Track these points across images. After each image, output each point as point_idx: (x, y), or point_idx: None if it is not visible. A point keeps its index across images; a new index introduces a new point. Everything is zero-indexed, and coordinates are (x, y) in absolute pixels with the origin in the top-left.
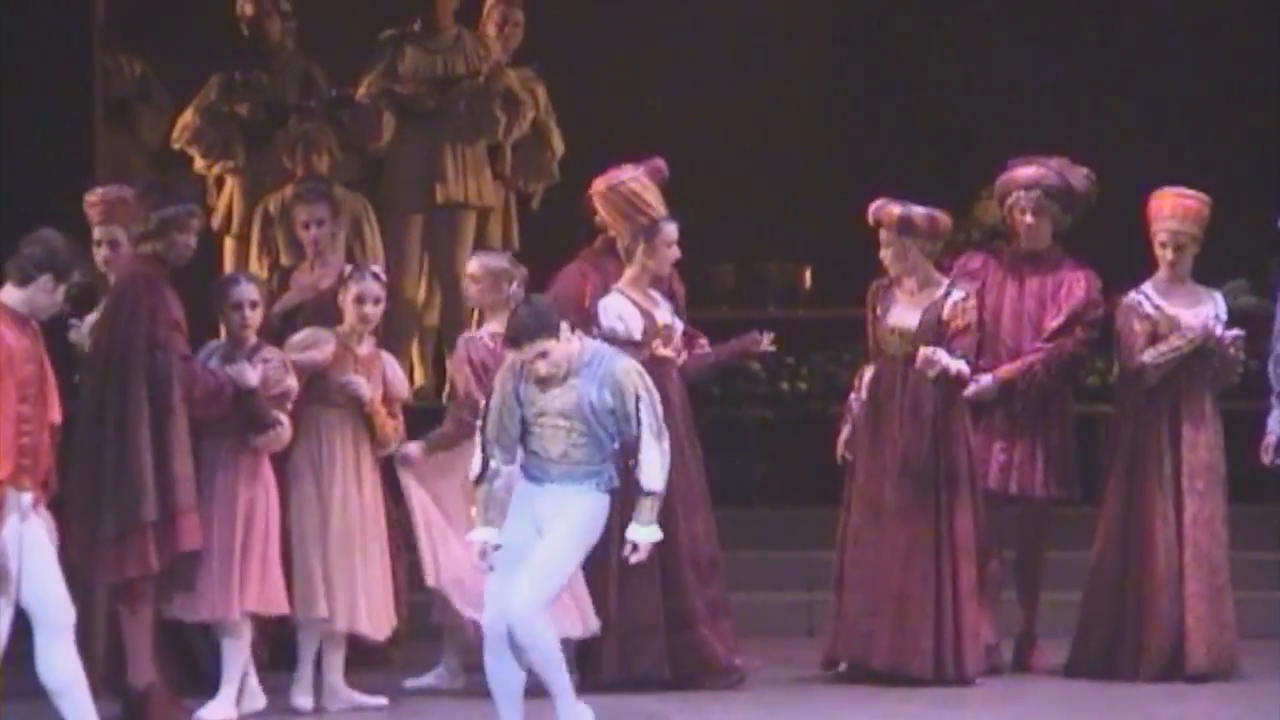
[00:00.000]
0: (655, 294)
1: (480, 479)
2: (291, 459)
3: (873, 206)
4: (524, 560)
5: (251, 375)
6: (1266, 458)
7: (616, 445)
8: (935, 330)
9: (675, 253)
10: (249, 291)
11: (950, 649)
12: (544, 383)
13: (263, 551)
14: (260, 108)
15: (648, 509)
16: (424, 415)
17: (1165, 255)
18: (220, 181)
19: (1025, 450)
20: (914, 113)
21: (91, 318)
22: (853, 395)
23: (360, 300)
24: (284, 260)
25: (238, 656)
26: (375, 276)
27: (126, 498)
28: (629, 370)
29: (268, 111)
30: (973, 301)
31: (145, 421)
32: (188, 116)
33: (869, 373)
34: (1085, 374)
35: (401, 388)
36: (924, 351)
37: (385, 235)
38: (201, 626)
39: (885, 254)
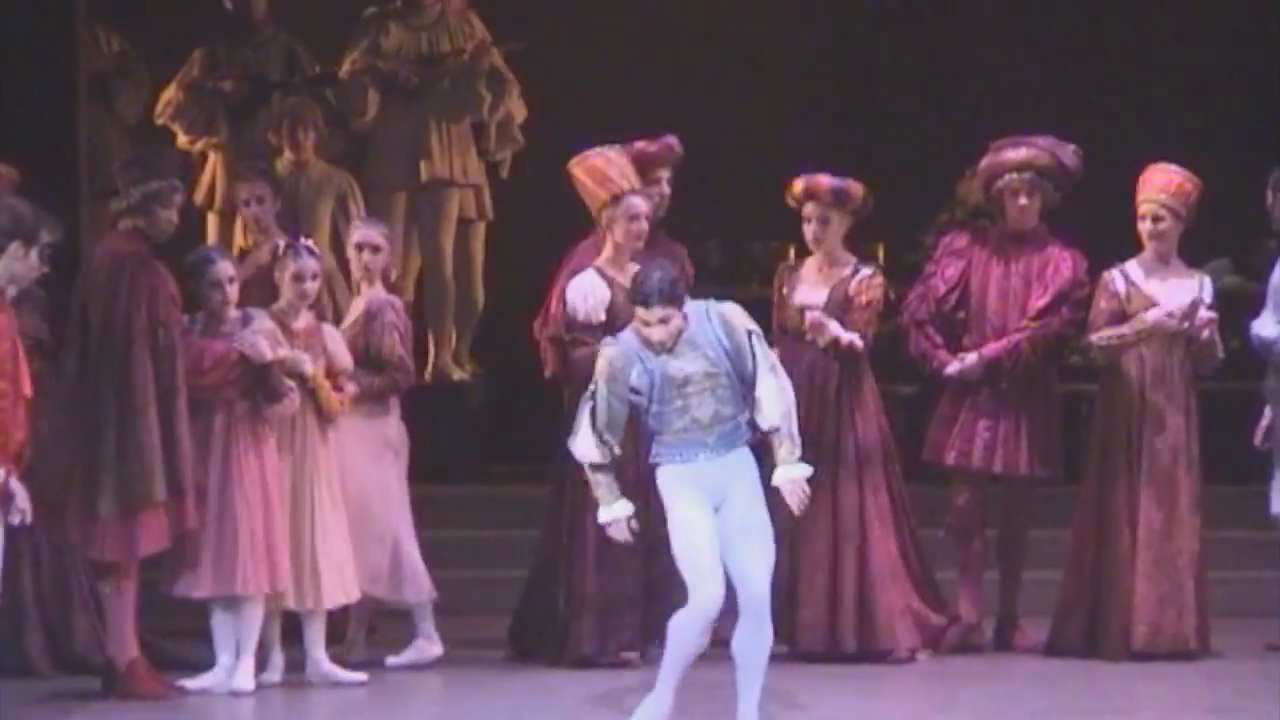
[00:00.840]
0: (635, 267)
1: (600, 467)
2: None
3: (801, 180)
4: (712, 534)
5: (265, 347)
6: (1258, 440)
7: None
8: (842, 307)
9: (639, 226)
10: (226, 269)
11: (869, 626)
12: (672, 353)
13: (276, 527)
14: (244, 84)
15: (784, 448)
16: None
17: (1145, 227)
18: (203, 157)
19: (1010, 429)
20: (897, 90)
21: None
22: None
23: (299, 278)
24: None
25: (255, 628)
26: (310, 251)
27: (133, 477)
28: (734, 310)
29: (251, 88)
30: (879, 279)
31: (153, 400)
32: (170, 92)
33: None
34: (1070, 353)
35: (344, 359)
36: (811, 315)
37: (370, 211)
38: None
39: (812, 228)
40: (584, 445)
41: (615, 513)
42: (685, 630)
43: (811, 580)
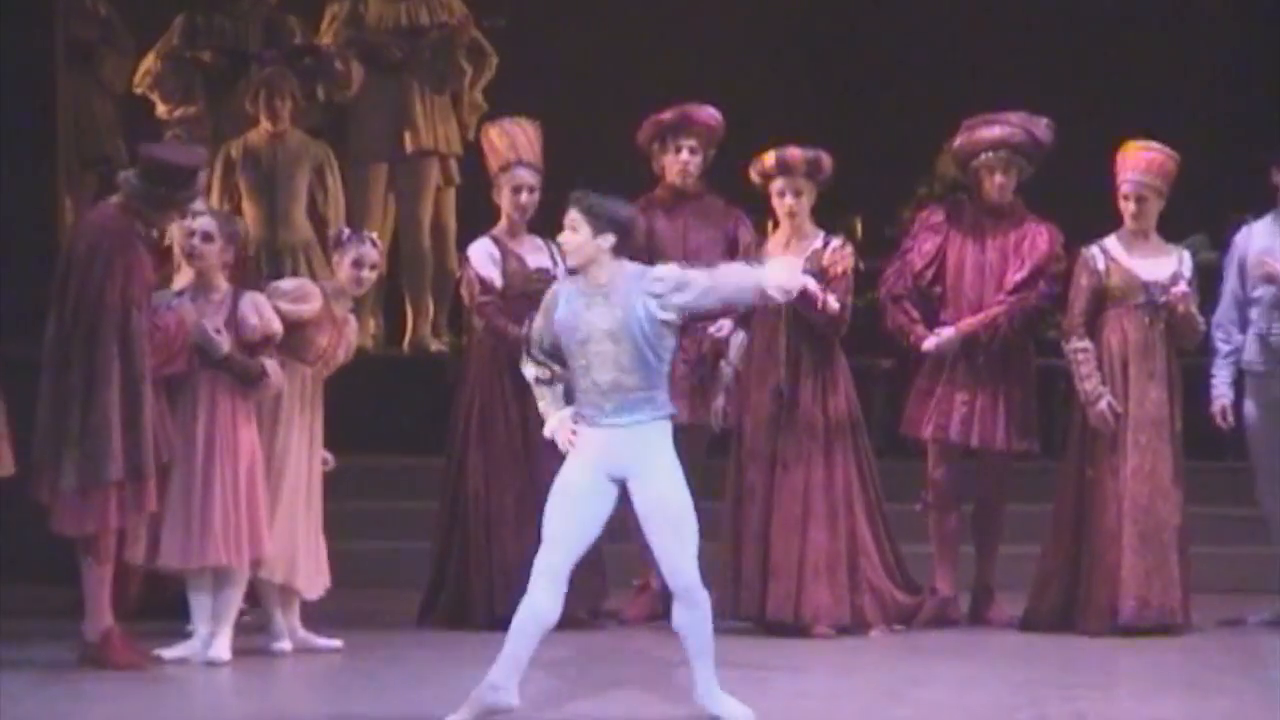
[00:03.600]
0: (537, 240)
1: (541, 381)
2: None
3: (772, 153)
4: (583, 505)
5: (222, 344)
6: (1221, 422)
7: (666, 369)
8: (818, 279)
9: (522, 198)
10: (203, 224)
11: (846, 598)
12: (589, 302)
13: (254, 498)
14: (222, 54)
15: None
16: (378, 362)
17: (1128, 207)
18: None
19: (986, 402)
20: (874, 63)
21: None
22: (722, 363)
23: (358, 264)
24: (246, 204)
25: (233, 600)
26: (373, 243)
27: (92, 454)
28: (661, 274)
29: (230, 58)
30: (849, 249)
31: (116, 381)
32: (149, 61)
33: (738, 337)
34: (1047, 327)
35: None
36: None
37: (346, 183)
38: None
39: (786, 200)
40: (525, 364)
41: (552, 424)
42: (519, 616)
43: (783, 552)
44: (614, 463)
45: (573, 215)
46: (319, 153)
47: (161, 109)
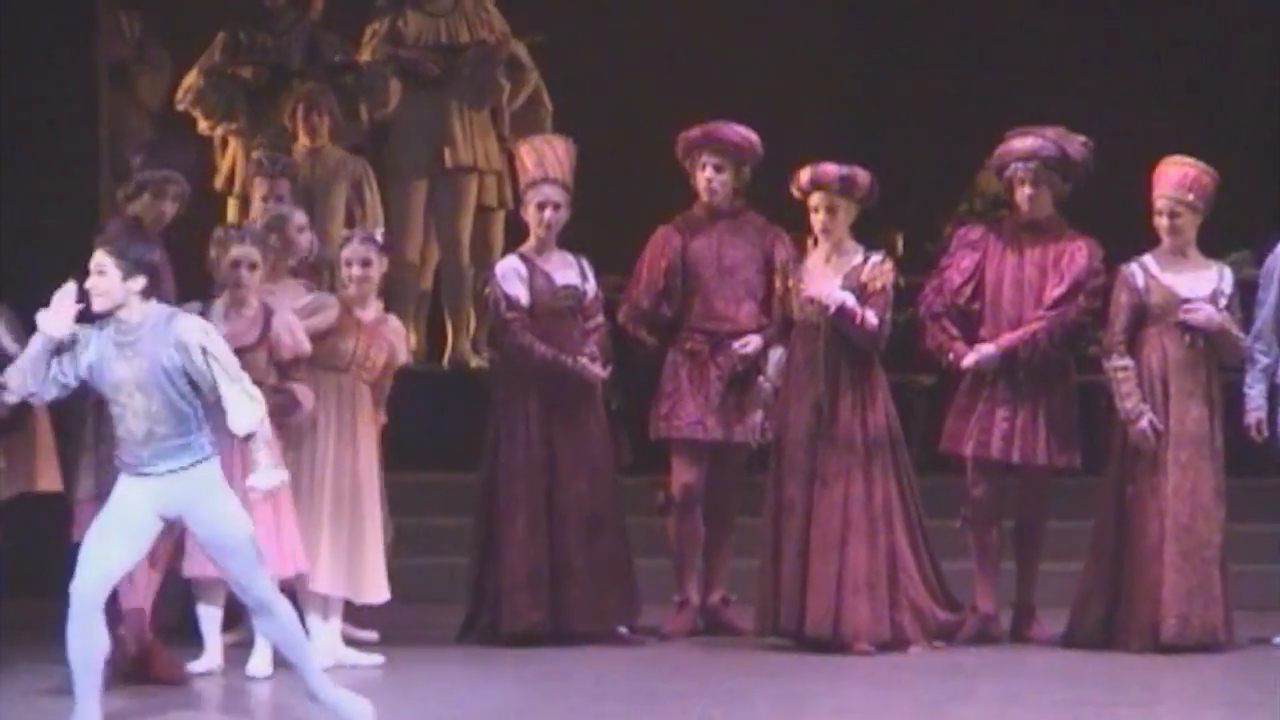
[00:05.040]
0: (567, 256)
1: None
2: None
3: (807, 170)
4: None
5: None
6: (1256, 435)
7: (202, 411)
8: (856, 295)
9: (548, 215)
10: (248, 253)
11: (885, 614)
12: (119, 352)
13: (287, 510)
14: (263, 70)
15: (259, 454)
16: (418, 378)
17: (1162, 223)
18: (224, 142)
19: (1027, 418)
20: (917, 78)
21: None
22: (760, 379)
23: (348, 263)
24: None
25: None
26: (372, 242)
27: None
28: (188, 326)
29: (271, 74)
30: (889, 264)
31: None
32: (191, 78)
33: (776, 353)
34: (1087, 343)
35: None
36: (836, 296)
37: (386, 199)
38: None
39: (820, 217)
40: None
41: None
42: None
43: (822, 568)
44: (163, 506)
45: (100, 258)
46: (356, 168)
47: (203, 125)
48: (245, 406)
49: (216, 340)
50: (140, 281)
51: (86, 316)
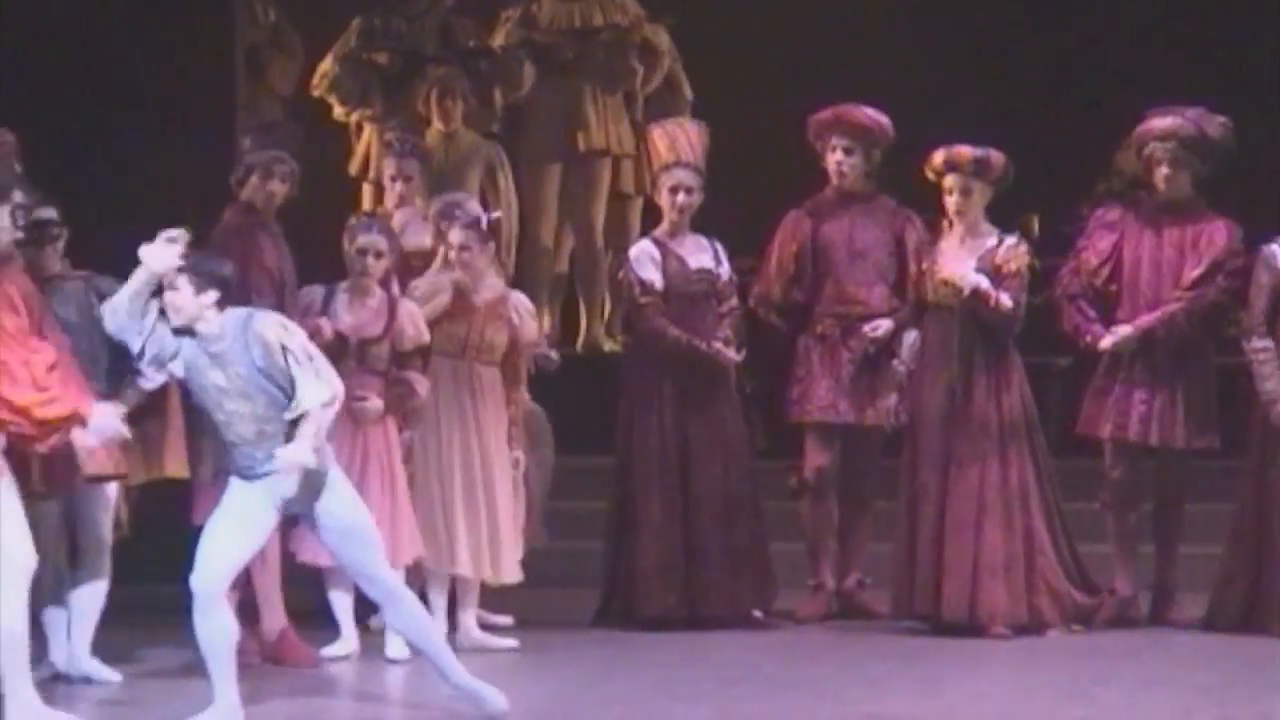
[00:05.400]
0: (701, 239)
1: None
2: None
3: (941, 151)
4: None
5: (373, 409)
6: None
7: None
8: (992, 277)
9: (680, 199)
10: (376, 241)
11: (1022, 598)
12: (209, 363)
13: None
14: (398, 56)
15: (306, 429)
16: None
17: None
18: (359, 128)
19: (1165, 400)
20: (1056, 57)
21: None
22: (895, 362)
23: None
24: (418, 204)
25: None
26: (472, 224)
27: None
28: (266, 324)
29: (405, 60)
30: (1024, 247)
31: None
32: (326, 64)
33: (910, 336)
34: (1227, 324)
35: (531, 331)
36: (972, 279)
37: (519, 183)
38: None
39: (954, 199)
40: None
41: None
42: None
43: (957, 552)
44: (283, 502)
45: (172, 276)
46: (490, 153)
47: (338, 111)
48: (313, 386)
49: (294, 333)
50: (212, 295)
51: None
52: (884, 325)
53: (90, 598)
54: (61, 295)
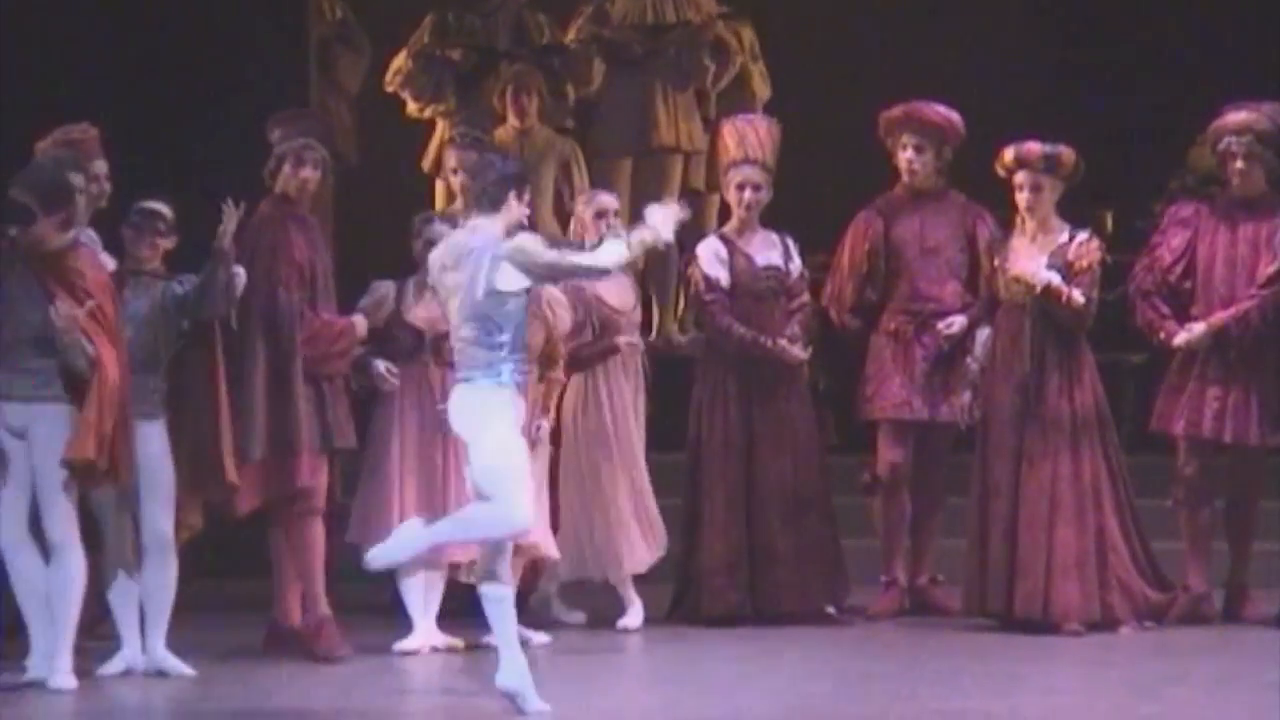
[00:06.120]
0: (771, 236)
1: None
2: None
3: (1011, 148)
4: None
5: (390, 383)
6: None
7: (506, 337)
8: (1062, 274)
9: (748, 195)
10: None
11: (1095, 594)
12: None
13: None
14: (471, 52)
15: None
16: None
17: None
18: (432, 124)
19: (1239, 397)
20: (1128, 54)
21: None
22: (968, 359)
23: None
24: None
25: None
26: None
27: (243, 433)
28: (520, 243)
29: (478, 56)
30: (1096, 243)
31: (261, 358)
32: (400, 60)
33: (983, 333)
34: None
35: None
36: (1044, 275)
37: (591, 178)
38: None
39: (1025, 195)
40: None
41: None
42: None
43: (1030, 549)
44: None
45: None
46: (565, 149)
47: (412, 107)
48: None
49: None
50: None
51: None
52: (958, 322)
53: (160, 592)
54: (138, 286)
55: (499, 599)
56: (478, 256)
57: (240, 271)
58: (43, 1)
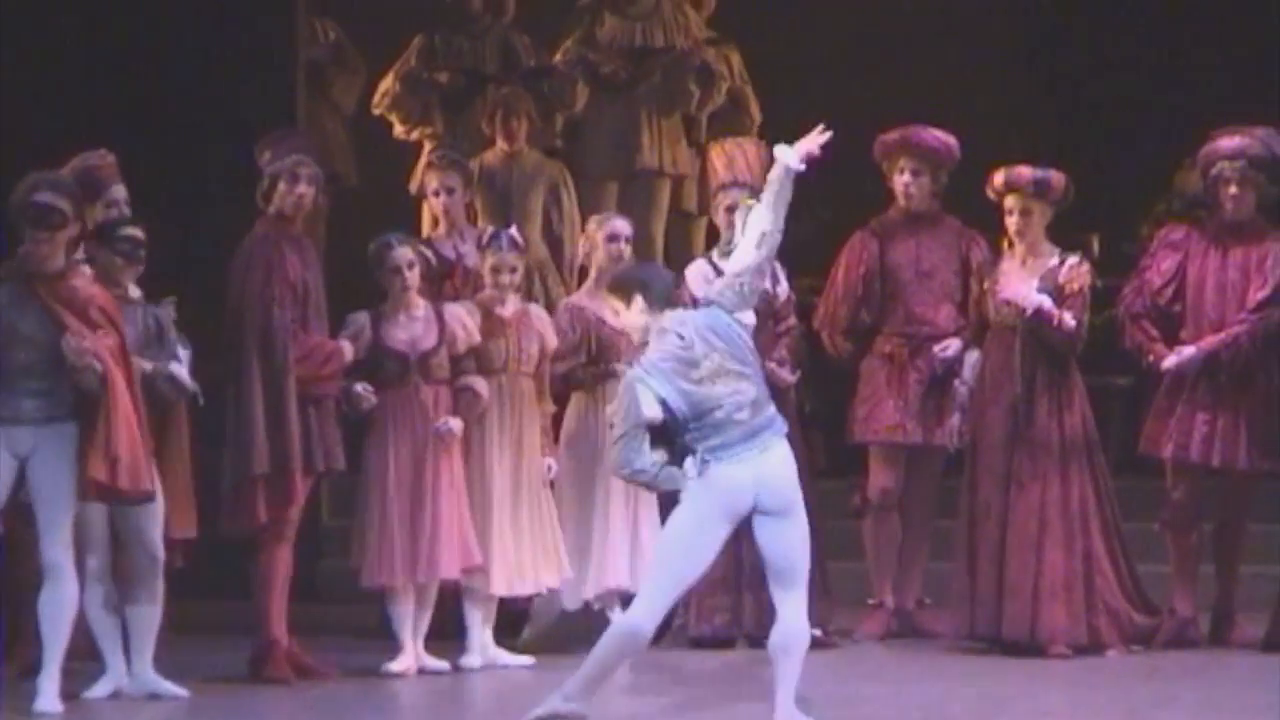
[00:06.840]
0: None
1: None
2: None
3: (1001, 172)
4: None
5: (367, 402)
6: None
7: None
8: (1054, 297)
9: (732, 218)
10: (404, 254)
11: (1082, 617)
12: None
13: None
14: (459, 75)
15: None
16: None
17: None
18: (419, 146)
19: (1228, 422)
20: (1113, 77)
21: None
22: (956, 382)
23: (496, 270)
24: (481, 223)
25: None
26: (513, 244)
27: (239, 452)
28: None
29: (466, 79)
30: (1086, 266)
31: (257, 376)
32: (388, 82)
33: (972, 356)
34: None
35: (552, 342)
36: (1034, 299)
37: (581, 201)
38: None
39: (1014, 220)
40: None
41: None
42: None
43: (1018, 572)
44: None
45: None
46: (554, 172)
47: (399, 129)
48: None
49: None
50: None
51: None
52: (954, 345)
53: (148, 615)
54: (126, 312)
55: None
56: (708, 323)
57: (185, 356)
58: (30, 27)
